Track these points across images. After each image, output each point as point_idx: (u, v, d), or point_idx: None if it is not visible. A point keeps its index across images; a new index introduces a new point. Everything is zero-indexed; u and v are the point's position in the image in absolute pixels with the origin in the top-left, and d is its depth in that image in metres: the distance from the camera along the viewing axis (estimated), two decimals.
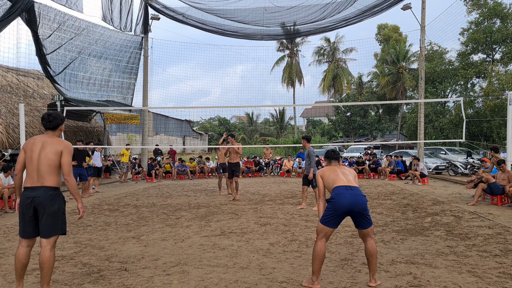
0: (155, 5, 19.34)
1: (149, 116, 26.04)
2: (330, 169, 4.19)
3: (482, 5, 26.14)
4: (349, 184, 3.92)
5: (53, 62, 14.83)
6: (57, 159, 3.64)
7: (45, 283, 3.61)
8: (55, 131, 3.79)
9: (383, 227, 6.76)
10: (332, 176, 4.06)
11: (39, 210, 3.61)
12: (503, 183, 8.95)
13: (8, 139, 14.03)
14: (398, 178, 16.27)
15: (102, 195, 11.78)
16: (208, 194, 11.78)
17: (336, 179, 4.01)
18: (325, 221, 3.89)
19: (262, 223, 7.22)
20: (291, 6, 17.88)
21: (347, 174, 4.10)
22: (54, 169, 3.65)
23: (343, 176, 4.04)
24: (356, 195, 3.83)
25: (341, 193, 3.84)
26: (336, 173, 4.09)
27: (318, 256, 3.88)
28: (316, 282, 3.89)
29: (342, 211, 3.83)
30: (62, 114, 3.92)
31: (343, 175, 4.07)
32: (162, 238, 6.10)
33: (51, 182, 3.64)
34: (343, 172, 4.13)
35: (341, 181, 3.96)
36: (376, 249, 4.03)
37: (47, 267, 3.60)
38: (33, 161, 3.64)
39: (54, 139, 3.73)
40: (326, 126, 45.61)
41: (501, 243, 5.51)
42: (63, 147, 3.68)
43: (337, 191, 3.88)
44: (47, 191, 3.61)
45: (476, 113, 26.72)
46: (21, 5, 12.35)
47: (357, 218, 3.91)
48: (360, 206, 3.82)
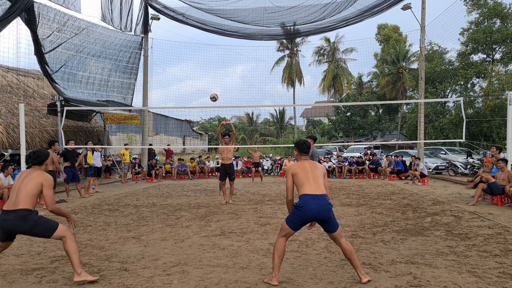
0: (155, 5, 19.34)
1: (149, 116, 26.06)
2: (301, 166, 4.16)
3: (482, 5, 26.13)
4: (317, 193, 3.99)
5: (52, 60, 14.82)
6: (37, 191, 4.05)
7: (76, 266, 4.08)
8: (41, 166, 4.26)
9: (383, 227, 6.76)
10: (301, 177, 4.09)
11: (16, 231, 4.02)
12: (503, 183, 8.94)
13: (8, 139, 14.03)
14: (398, 178, 16.27)
15: (102, 195, 11.78)
16: (208, 194, 11.78)
17: (304, 183, 4.06)
18: (290, 223, 4.05)
19: (262, 223, 7.22)
20: (291, 6, 17.88)
21: (316, 177, 4.10)
22: (30, 197, 4.02)
23: (312, 180, 4.07)
24: (321, 205, 3.95)
25: (308, 203, 3.95)
26: (306, 174, 4.10)
27: (278, 252, 4.02)
28: (275, 278, 3.98)
29: (307, 220, 4.02)
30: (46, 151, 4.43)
31: (313, 178, 4.09)
32: (162, 238, 6.10)
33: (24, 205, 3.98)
34: (313, 173, 4.12)
35: (309, 188, 4.02)
36: (351, 246, 4.09)
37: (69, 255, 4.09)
38: (15, 189, 4.10)
39: (37, 172, 4.17)
40: (326, 126, 45.65)
41: (501, 243, 5.51)
42: (43, 179, 4.08)
43: (304, 200, 3.97)
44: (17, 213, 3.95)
45: (476, 113, 26.71)
46: (20, 5, 12.35)
47: (323, 224, 4.07)
48: (324, 215, 3.97)
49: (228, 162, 9.98)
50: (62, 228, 4.06)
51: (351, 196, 11.07)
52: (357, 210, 8.54)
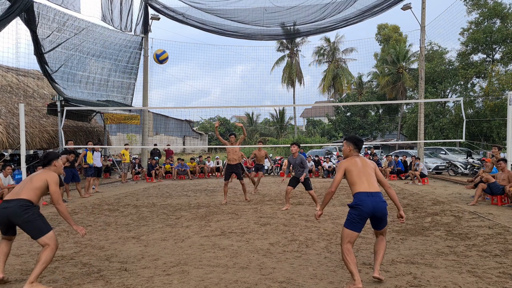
0: (155, 5, 19.34)
1: (149, 116, 26.06)
2: (353, 163, 4.13)
3: (482, 5, 26.12)
4: (371, 190, 3.98)
5: (51, 60, 14.82)
6: (40, 184, 4.13)
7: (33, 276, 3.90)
8: (50, 166, 4.34)
9: None
10: (355, 175, 4.07)
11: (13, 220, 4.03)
12: (503, 183, 8.94)
13: (8, 139, 14.03)
14: (398, 178, 16.27)
15: (102, 195, 11.78)
16: (208, 194, 11.78)
17: (357, 182, 4.04)
18: (352, 225, 3.95)
19: (262, 223, 7.22)
20: (291, 6, 17.88)
21: (369, 174, 4.08)
22: (34, 190, 4.11)
23: (365, 178, 4.04)
24: (377, 202, 3.94)
25: (364, 200, 3.93)
26: (359, 172, 4.07)
27: (351, 260, 3.88)
28: (358, 280, 3.79)
29: (366, 217, 3.96)
30: (55, 152, 4.76)
31: (365, 175, 4.06)
32: (162, 238, 6.10)
33: (27, 196, 4.06)
34: (365, 170, 4.10)
35: (363, 186, 4.01)
36: (385, 246, 4.17)
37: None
38: (20, 184, 4.26)
39: (44, 170, 4.32)
40: (326, 126, 45.63)
41: (501, 243, 5.51)
42: (48, 176, 4.19)
43: (359, 198, 3.97)
44: (19, 202, 4.00)
45: (476, 113, 26.71)
46: (20, 5, 12.33)
47: (376, 221, 4.08)
48: (380, 212, 3.97)
49: (234, 162, 9.97)
50: (52, 236, 4.02)
51: (351, 196, 11.05)
52: None
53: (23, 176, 10.00)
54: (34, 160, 14.04)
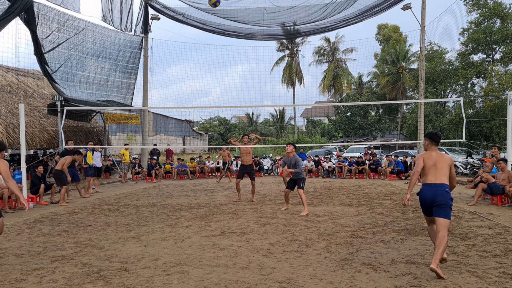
0: (155, 5, 19.34)
1: (149, 116, 26.05)
2: (429, 157, 4.61)
3: (482, 5, 26.12)
4: (435, 182, 4.49)
5: (51, 60, 14.81)
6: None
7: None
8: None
9: (383, 227, 6.76)
10: (427, 168, 4.57)
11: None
12: (503, 183, 8.94)
13: (8, 139, 14.03)
14: (398, 178, 16.27)
15: (102, 195, 11.78)
16: (208, 194, 11.78)
17: (427, 174, 4.57)
18: (422, 211, 4.69)
19: (262, 223, 7.22)
20: (291, 6, 17.87)
21: (439, 168, 4.52)
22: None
23: (434, 171, 4.53)
24: (437, 191, 4.43)
25: (423, 190, 4.54)
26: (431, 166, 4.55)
27: (431, 237, 4.68)
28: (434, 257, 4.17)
29: (426, 204, 4.53)
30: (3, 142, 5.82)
31: (435, 169, 4.53)
32: (162, 238, 6.10)
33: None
34: (438, 164, 4.55)
35: (430, 178, 4.54)
36: (446, 239, 4.31)
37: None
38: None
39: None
40: (326, 126, 45.63)
41: (501, 243, 5.51)
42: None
43: (422, 189, 4.59)
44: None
45: (476, 113, 26.70)
46: (19, 5, 12.31)
47: (438, 210, 4.41)
48: (439, 200, 4.39)
49: (248, 163, 10.30)
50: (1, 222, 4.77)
51: (351, 196, 11.07)
52: (357, 210, 8.53)
53: (23, 176, 10.00)
54: (34, 160, 14.04)
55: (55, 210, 9.10)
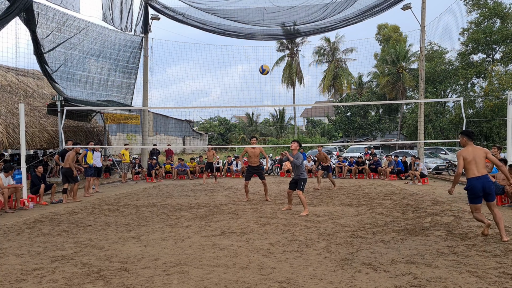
0: (155, 5, 19.34)
1: (149, 116, 26.04)
2: (467, 153, 5.65)
3: (482, 5, 26.13)
4: (479, 175, 5.57)
5: (51, 60, 14.81)
6: None
7: None
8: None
9: (383, 227, 6.76)
10: (467, 163, 5.62)
11: None
12: (503, 183, 8.95)
13: (8, 139, 14.02)
14: (398, 178, 16.27)
15: (102, 195, 11.78)
16: (208, 194, 11.78)
17: (469, 168, 5.61)
18: (473, 201, 5.69)
19: (262, 223, 7.22)
20: (291, 6, 17.87)
21: (477, 162, 5.60)
22: None
23: (475, 165, 5.59)
24: (484, 183, 5.55)
25: (474, 184, 5.58)
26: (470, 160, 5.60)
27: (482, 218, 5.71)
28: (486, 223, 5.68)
29: (478, 195, 5.60)
30: None
31: (475, 163, 5.59)
32: (162, 238, 6.10)
33: None
34: (477, 158, 5.60)
35: (473, 172, 5.59)
36: (501, 215, 5.73)
37: None
38: None
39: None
40: (326, 126, 45.62)
41: (501, 243, 5.51)
42: None
43: (470, 182, 5.63)
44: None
45: (476, 113, 26.71)
46: (19, 5, 12.29)
47: (487, 196, 5.64)
48: (487, 189, 5.57)
49: (255, 164, 10.38)
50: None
51: (351, 196, 11.07)
52: (357, 210, 8.53)
53: (23, 176, 10.00)
54: (34, 160, 14.04)
55: (55, 210, 9.09)
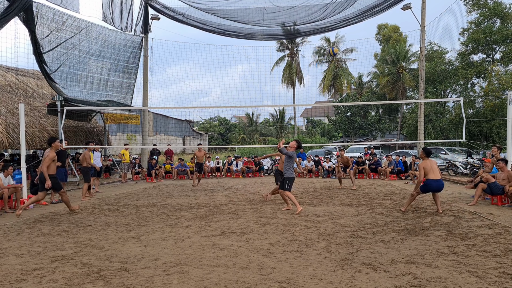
0: (155, 5, 19.34)
1: (149, 116, 26.05)
2: (427, 164, 8.11)
3: (482, 5, 26.12)
4: (436, 178, 8.00)
5: (50, 60, 14.79)
6: None
7: None
8: None
9: (383, 227, 6.76)
10: (428, 170, 8.04)
11: None
12: (503, 183, 8.94)
13: (8, 139, 14.02)
14: (398, 178, 16.27)
15: (102, 195, 11.78)
16: (208, 194, 11.78)
17: (429, 173, 8.02)
18: (423, 191, 8.25)
19: (262, 223, 7.22)
20: (291, 6, 17.88)
21: (435, 169, 8.06)
22: None
23: (432, 172, 8.01)
24: (439, 185, 8.04)
25: (431, 183, 8.01)
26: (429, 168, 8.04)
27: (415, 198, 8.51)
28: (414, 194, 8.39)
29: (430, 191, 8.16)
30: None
31: (433, 170, 8.03)
32: (162, 238, 6.10)
33: None
34: (433, 166, 8.07)
35: (432, 175, 8.00)
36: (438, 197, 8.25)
37: None
38: None
39: None
40: (326, 126, 45.62)
41: (501, 243, 5.51)
42: None
43: (430, 182, 8.01)
44: None
45: (476, 113, 26.71)
46: (18, 5, 12.28)
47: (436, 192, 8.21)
48: (440, 189, 8.11)
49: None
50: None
51: (351, 196, 11.07)
52: (357, 210, 8.54)
53: (23, 176, 10.00)
54: (34, 160, 14.03)
55: (54, 210, 9.09)
